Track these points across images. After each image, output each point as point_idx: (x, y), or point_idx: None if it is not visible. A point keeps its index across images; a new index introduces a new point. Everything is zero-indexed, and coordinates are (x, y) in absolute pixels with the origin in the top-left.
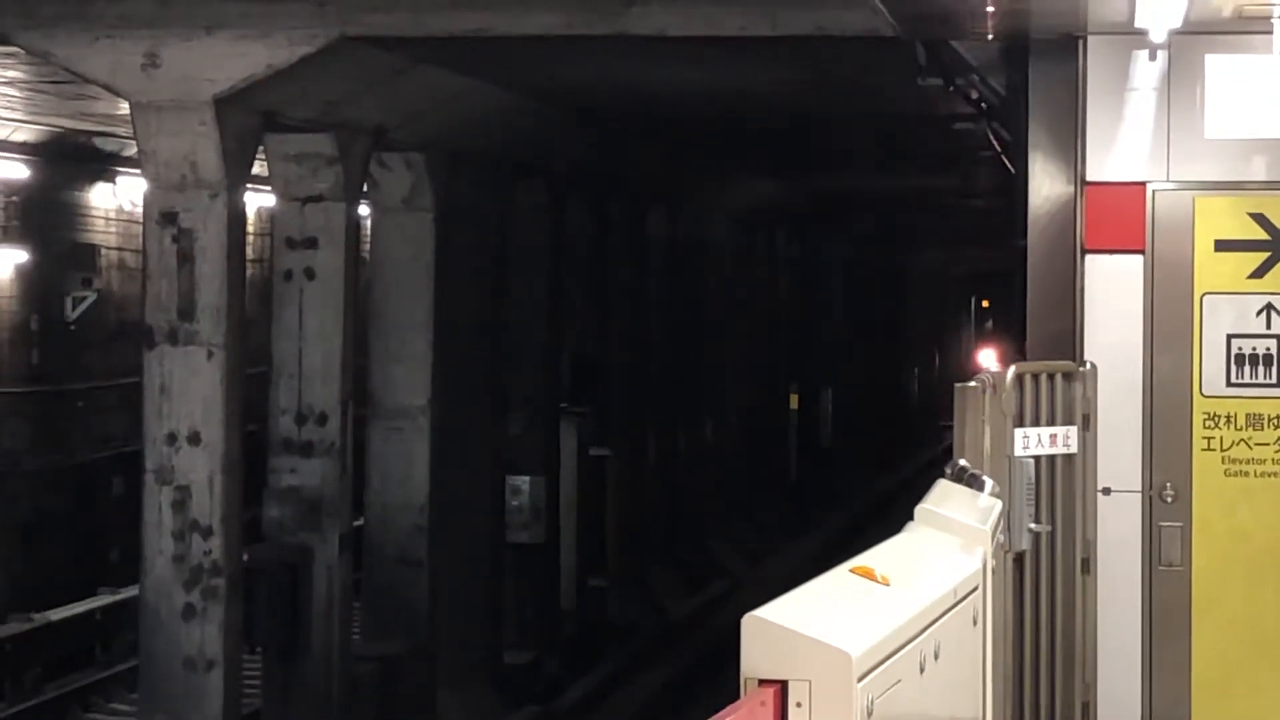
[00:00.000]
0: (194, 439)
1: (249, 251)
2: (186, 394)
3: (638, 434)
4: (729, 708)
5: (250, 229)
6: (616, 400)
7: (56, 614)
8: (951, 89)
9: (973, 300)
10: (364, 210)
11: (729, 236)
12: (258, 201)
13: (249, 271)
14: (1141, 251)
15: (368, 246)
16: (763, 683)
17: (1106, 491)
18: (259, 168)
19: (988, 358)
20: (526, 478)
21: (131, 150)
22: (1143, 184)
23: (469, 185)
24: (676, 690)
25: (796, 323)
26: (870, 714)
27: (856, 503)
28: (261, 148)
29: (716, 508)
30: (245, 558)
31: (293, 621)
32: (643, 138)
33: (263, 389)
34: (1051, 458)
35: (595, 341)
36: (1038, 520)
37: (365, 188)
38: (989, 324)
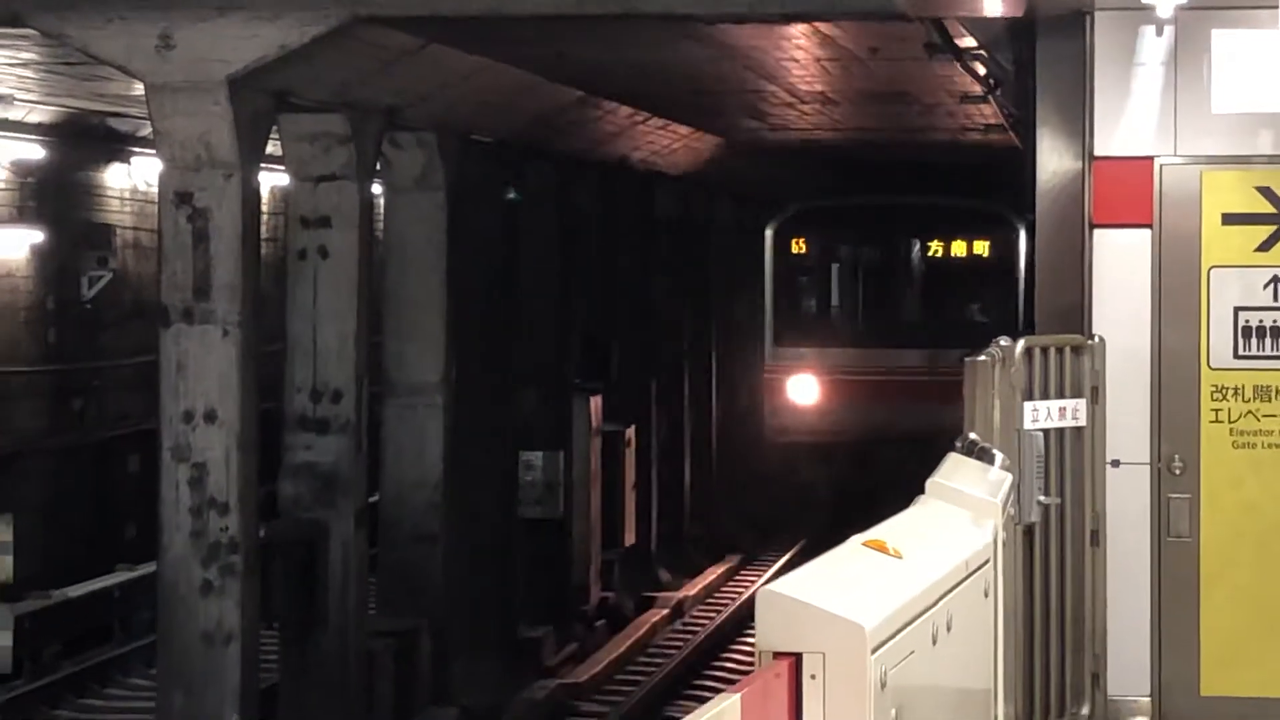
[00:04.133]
0: (210, 417)
1: (263, 231)
2: (202, 372)
3: (645, 410)
4: (744, 680)
5: (264, 208)
6: (625, 377)
7: (75, 591)
8: (960, 62)
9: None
10: (377, 189)
11: (732, 216)
12: (272, 181)
13: (264, 250)
14: (1149, 226)
15: (381, 225)
16: (777, 655)
17: (1115, 464)
18: (273, 147)
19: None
20: (540, 453)
21: (146, 131)
22: (1150, 159)
23: (480, 165)
24: (690, 662)
25: None
26: (884, 686)
27: None
28: (275, 128)
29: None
30: (262, 534)
31: (309, 597)
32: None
33: (278, 367)
34: (1060, 431)
35: (604, 319)
36: (1047, 493)
37: (378, 167)
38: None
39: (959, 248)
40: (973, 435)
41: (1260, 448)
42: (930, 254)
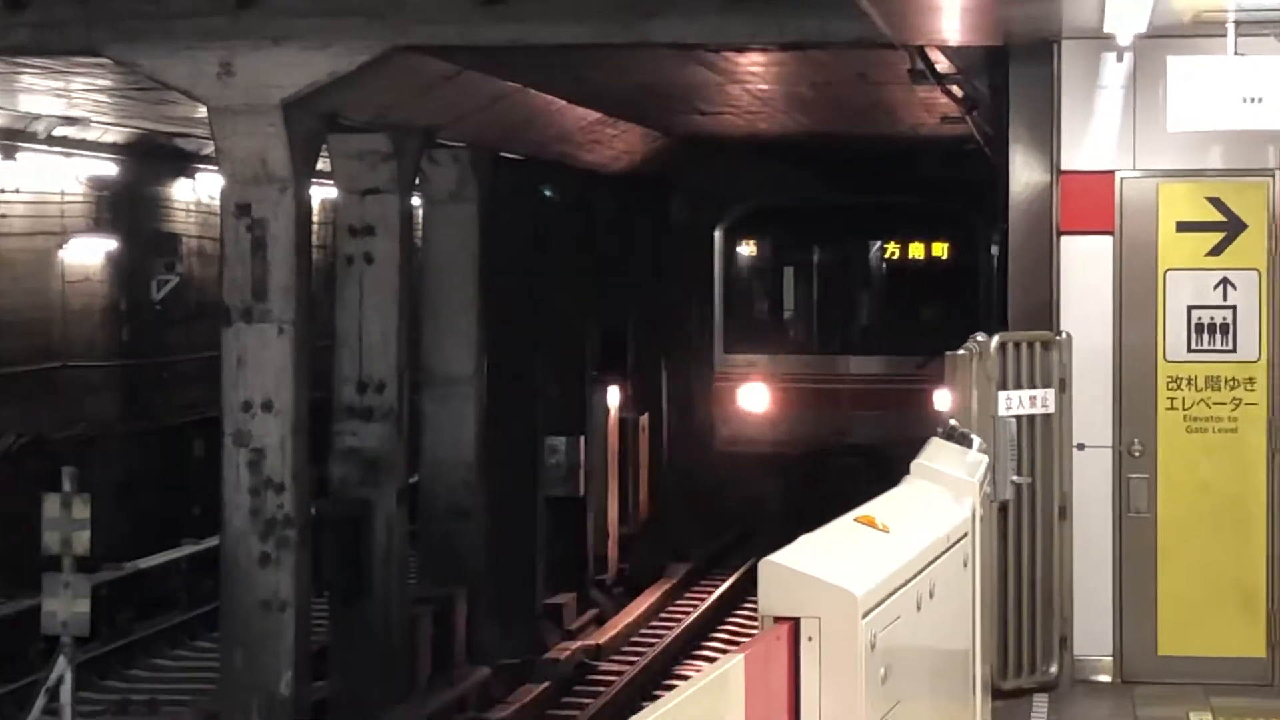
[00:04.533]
0: (267, 406)
1: (314, 239)
2: (260, 366)
3: (656, 399)
4: (747, 642)
5: (315, 218)
6: (639, 368)
7: (146, 562)
8: (940, 86)
9: None
10: (416, 201)
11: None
12: (322, 194)
13: (314, 256)
14: (1111, 233)
15: (420, 234)
16: (778, 620)
17: (1081, 447)
18: (323, 163)
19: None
20: (563, 438)
21: (209, 149)
22: (1112, 172)
23: (508, 178)
24: (699, 625)
25: None
26: (873, 647)
27: None
28: (325, 146)
29: None
30: (313, 511)
31: (356, 567)
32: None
33: (327, 361)
34: (1031, 417)
35: (619, 316)
36: (1019, 473)
37: (417, 181)
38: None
39: (917, 249)
40: (953, 421)
41: (1211, 432)
42: (888, 255)
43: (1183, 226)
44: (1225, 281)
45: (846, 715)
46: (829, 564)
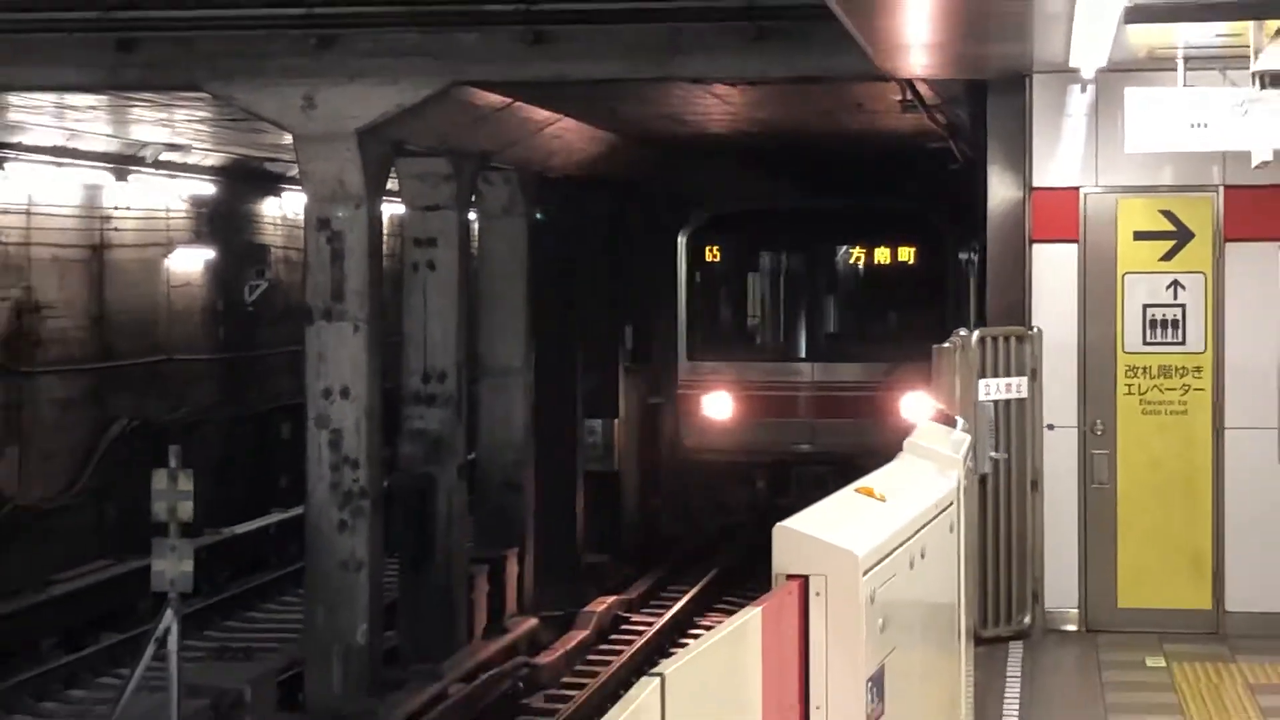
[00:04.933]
0: (344, 393)
1: (385, 248)
2: (338, 359)
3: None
4: (764, 597)
5: (385, 231)
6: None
7: (240, 528)
8: (928, 114)
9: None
10: (472, 216)
11: None
12: (391, 209)
13: (385, 264)
14: (1076, 241)
15: (476, 244)
16: (789, 577)
17: (1050, 427)
18: (391, 183)
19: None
20: (599, 420)
21: (293, 172)
22: (1076, 189)
23: (552, 195)
24: (717, 584)
25: None
26: (873, 601)
27: None
28: (393, 168)
29: None
30: (385, 484)
31: (421, 533)
32: (686, 154)
33: (397, 355)
34: (1007, 401)
35: (647, 315)
36: (997, 450)
37: (473, 199)
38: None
39: (883, 254)
40: (939, 405)
41: (1163, 414)
42: (852, 261)
43: (1139, 235)
44: (1176, 283)
45: (849, 660)
46: (834, 528)
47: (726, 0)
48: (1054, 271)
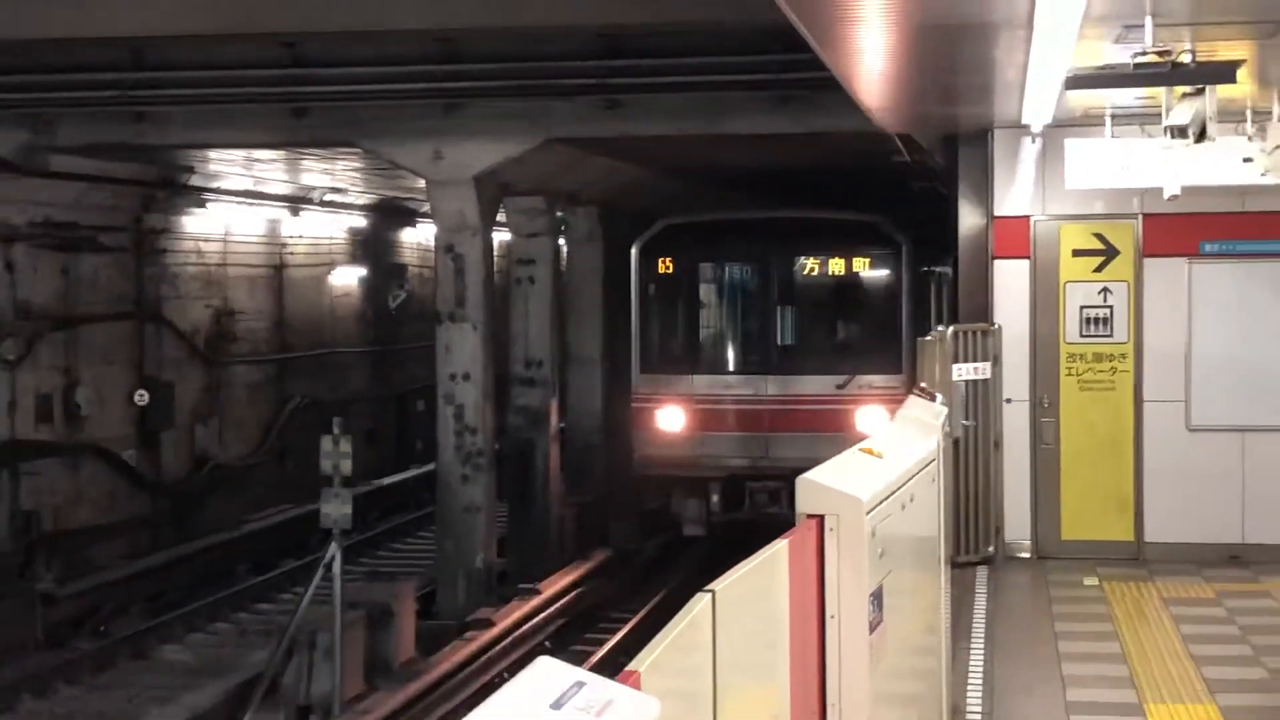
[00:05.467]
0: (465, 377)
1: (495, 267)
2: (461, 351)
3: None
4: (789, 532)
5: (496, 253)
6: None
7: (385, 480)
8: (913, 158)
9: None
10: (562, 241)
11: None
12: (499, 236)
13: (496, 279)
14: (1028, 257)
15: (565, 263)
16: (809, 516)
17: (1009, 401)
18: (500, 216)
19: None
20: None
21: (425, 208)
22: (1028, 217)
23: (620, 224)
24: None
25: None
26: (874, 535)
27: None
28: (502, 204)
29: None
30: (496, 446)
31: (525, 484)
32: (718, 188)
33: (505, 348)
34: (975, 381)
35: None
36: (968, 419)
37: (563, 228)
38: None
39: (837, 265)
40: (923, 384)
41: (1095, 390)
42: (806, 272)
43: (1076, 253)
44: (1105, 289)
45: (855, 580)
46: (844, 479)
47: (757, 74)
48: (1010, 281)
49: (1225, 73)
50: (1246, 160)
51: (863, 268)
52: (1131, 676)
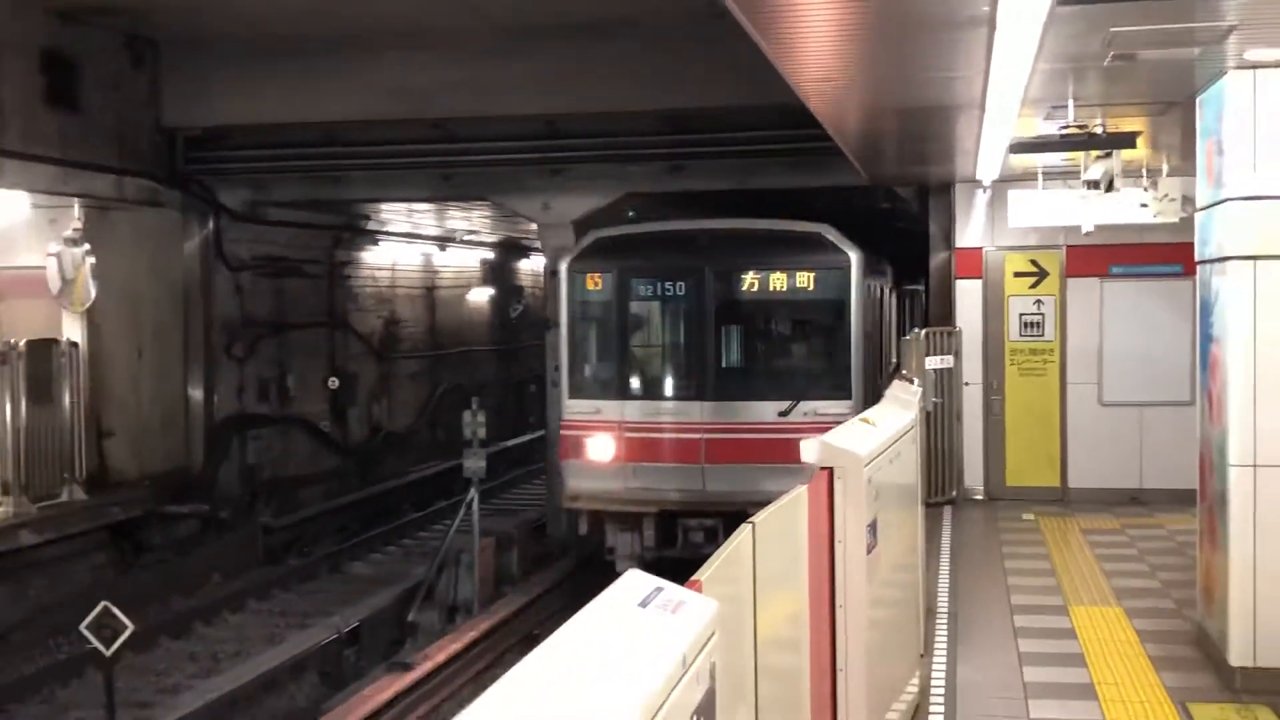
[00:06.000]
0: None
1: None
2: (562, 350)
3: None
4: (809, 480)
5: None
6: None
7: (510, 443)
8: (895, 205)
9: None
10: None
11: None
12: None
13: None
14: (981, 278)
15: None
16: (823, 468)
17: (967, 384)
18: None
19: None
20: None
21: (536, 244)
22: (980, 248)
23: None
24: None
25: None
26: (870, 482)
27: None
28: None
29: None
30: None
31: None
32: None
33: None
34: (942, 369)
35: None
36: (937, 397)
37: None
38: None
39: (778, 280)
40: (905, 371)
41: (1031, 376)
42: (746, 288)
43: (1017, 274)
44: (1038, 301)
45: (856, 514)
46: (848, 441)
47: (777, 144)
48: (968, 295)
49: (1127, 140)
50: (1143, 205)
51: (807, 283)
52: (1058, 585)
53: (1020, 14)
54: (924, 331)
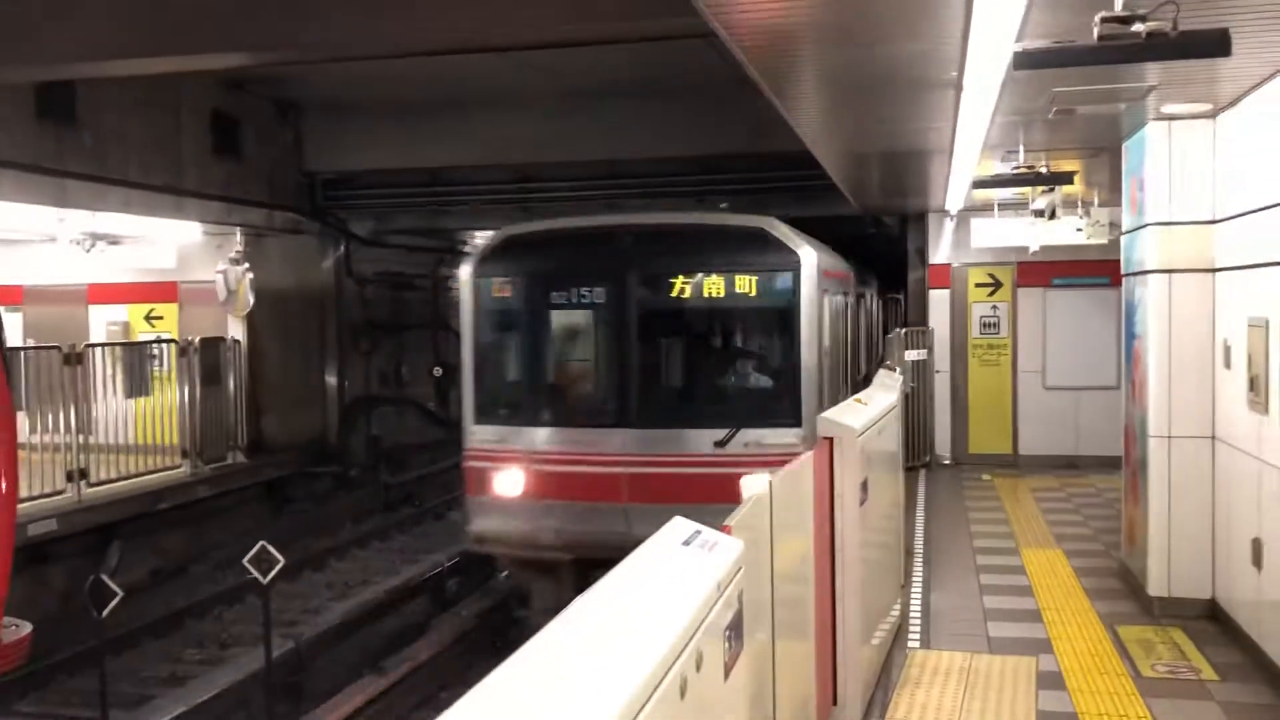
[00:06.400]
0: None
1: None
2: None
3: None
4: (815, 447)
5: None
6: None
7: None
8: (880, 230)
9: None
10: None
11: None
12: None
13: None
14: (949, 288)
15: None
16: (823, 439)
17: (939, 372)
18: None
19: None
20: None
21: None
22: (949, 264)
23: None
24: None
25: None
26: (862, 450)
27: None
28: None
29: None
30: None
31: None
32: None
33: None
34: (919, 361)
35: None
36: (914, 382)
37: None
38: None
39: (714, 285)
40: (889, 362)
41: (989, 366)
42: (676, 295)
43: (978, 285)
44: (994, 306)
45: (851, 474)
46: (846, 416)
47: (785, 182)
48: (939, 302)
49: (1066, 178)
50: (1078, 230)
51: (748, 287)
52: (1011, 532)
53: (981, 78)
54: (903, 330)
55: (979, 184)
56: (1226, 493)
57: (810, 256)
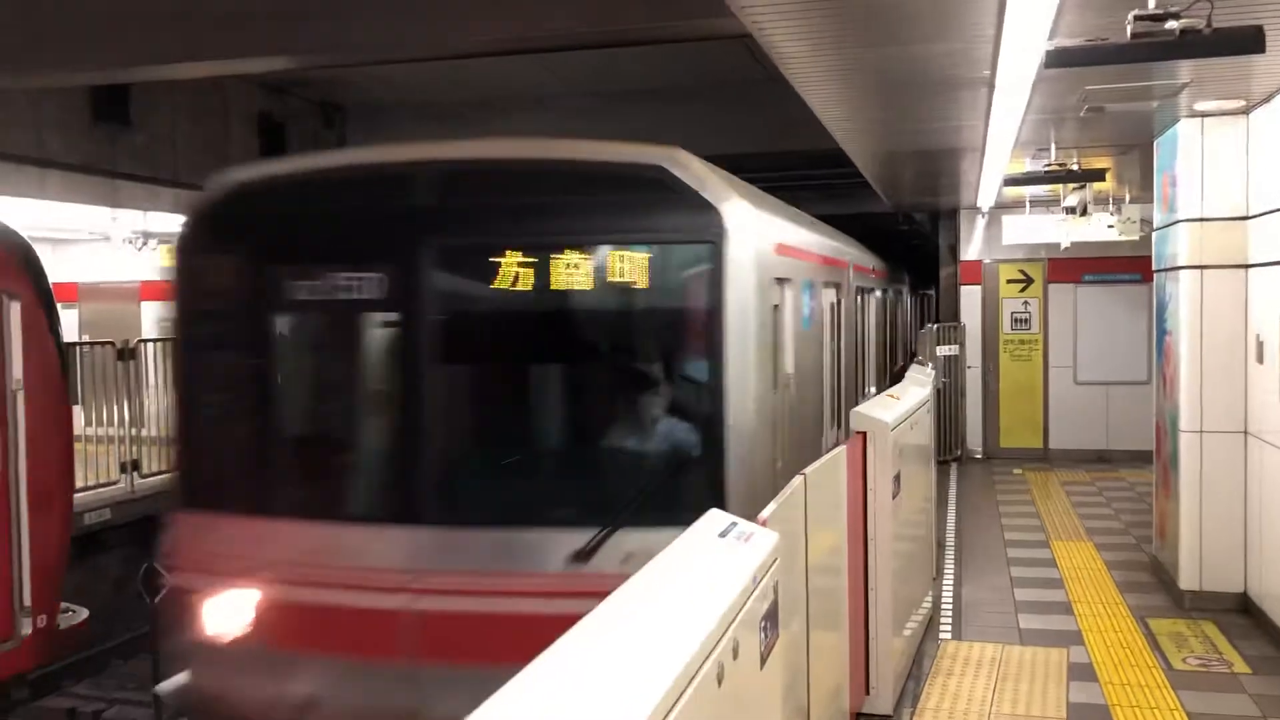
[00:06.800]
0: None
1: None
2: None
3: None
4: (848, 441)
5: None
6: None
7: None
8: (912, 227)
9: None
10: None
11: None
12: None
13: None
14: (980, 284)
15: None
16: (857, 432)
17: (970, 367)
18: None
19: None
20: None
21: None
22: (980, 260)
23: None
24: None
25: None
26: (895, 443)
27: None
28: None
29: None
30: None
31: None
32: None
33: None
34: (950, 356)
35: None
36: (945, 377)
37: None
38: None
39: (573, 268)
40: (920, 358)
41: (1020, 360)
42: (511, 284)
43: (1009, 281)
44: (1026, 302)
45: (884, 468)
46: (878, 411)
47: (816, 181)
48: (970, 297)
49: (1098, 175)
50: (1110, 226)
51: (633, 273)
52: (1041, 525)
53: (1014, 77)
54: (935, 326)
55: (1010, 181)
56: (1259, 487)
57: (742, 216)
